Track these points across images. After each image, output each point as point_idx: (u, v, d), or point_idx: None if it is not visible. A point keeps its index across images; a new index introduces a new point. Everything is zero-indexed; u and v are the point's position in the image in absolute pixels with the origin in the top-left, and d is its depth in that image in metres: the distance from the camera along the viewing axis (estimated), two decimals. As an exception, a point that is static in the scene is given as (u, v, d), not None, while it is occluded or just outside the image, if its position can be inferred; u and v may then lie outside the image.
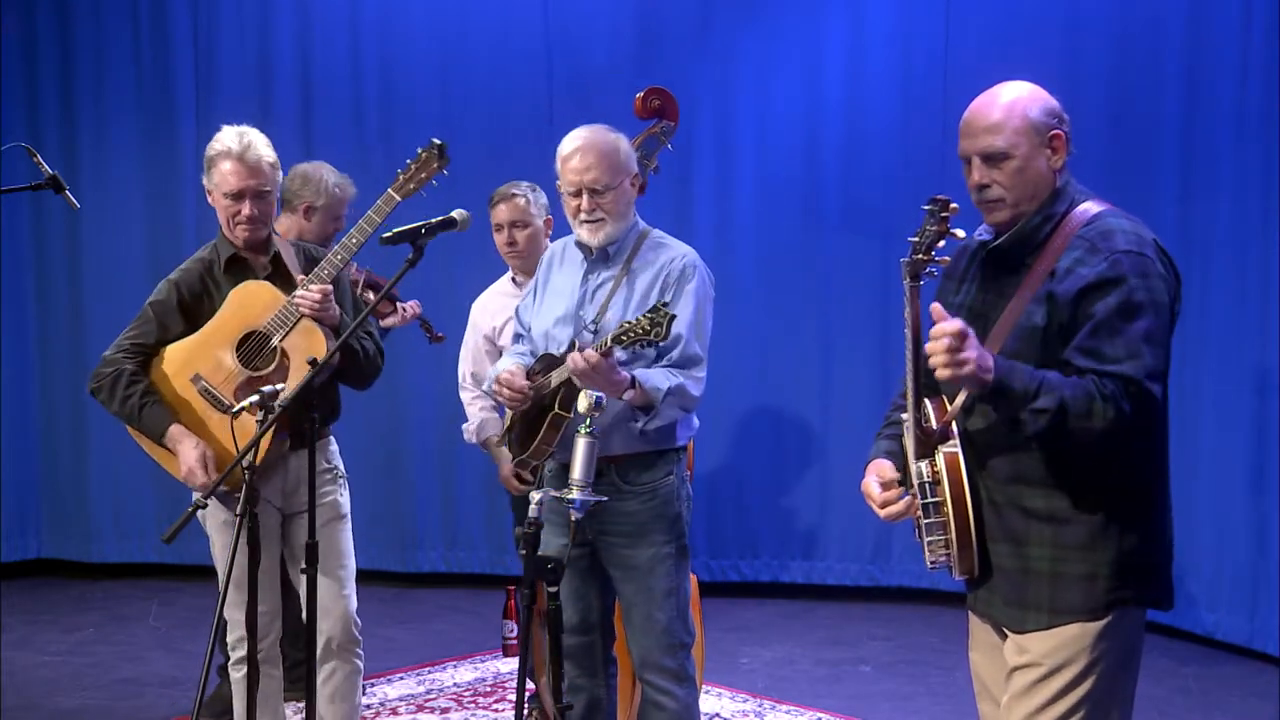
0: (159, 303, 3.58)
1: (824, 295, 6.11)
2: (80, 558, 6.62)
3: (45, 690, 4.94)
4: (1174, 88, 5.38)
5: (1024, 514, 2.51)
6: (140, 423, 3.50)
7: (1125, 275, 2.41)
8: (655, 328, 3.00)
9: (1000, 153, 2.49)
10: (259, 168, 3.48)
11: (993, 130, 2.50)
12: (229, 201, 3.49)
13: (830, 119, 6.07)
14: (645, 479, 3.32)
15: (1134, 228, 2.50)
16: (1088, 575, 2.48)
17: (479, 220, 3.44)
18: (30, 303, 6.63)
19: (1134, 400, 2.36)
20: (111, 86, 6.54)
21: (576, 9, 6.25)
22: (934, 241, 2.40)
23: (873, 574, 6.15)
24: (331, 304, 3.44)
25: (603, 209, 3.31)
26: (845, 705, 4.76)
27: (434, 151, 3.41)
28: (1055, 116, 2.54)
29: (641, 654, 3.37)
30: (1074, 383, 2.37)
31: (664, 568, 3.34)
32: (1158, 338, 2.42)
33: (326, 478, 3.60)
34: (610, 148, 3.33)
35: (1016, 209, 2.52)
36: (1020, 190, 2.51)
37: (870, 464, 2.69)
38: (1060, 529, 2.49)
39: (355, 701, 3.68)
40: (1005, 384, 2.36)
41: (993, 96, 2.55)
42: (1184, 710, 4.74)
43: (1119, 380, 2.36)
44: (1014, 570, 2.53)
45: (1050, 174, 2.53)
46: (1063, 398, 2.35)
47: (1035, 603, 2.51)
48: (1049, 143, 2.52)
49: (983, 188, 2.53)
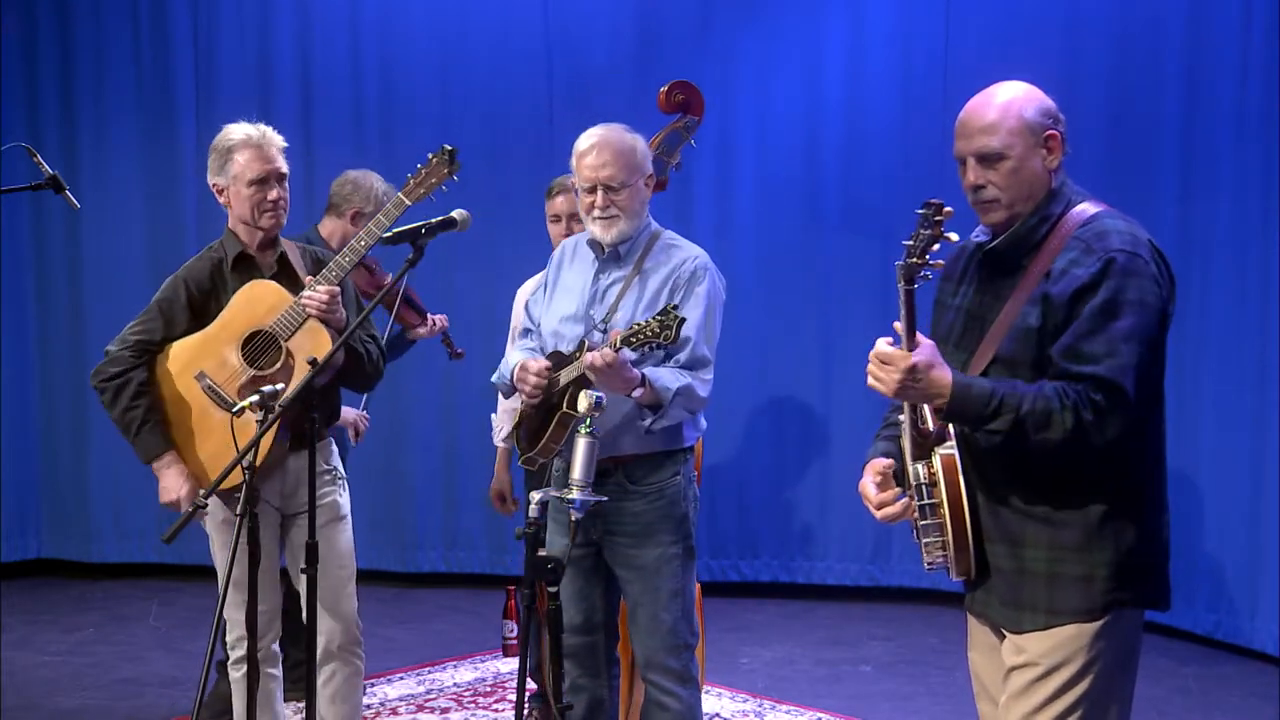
0: (166, 300, 3.58)
1: (824, 295, 6.11)
2: (80, 558, 6.62)
3: (45, 690, 4.94)
4: (1174, 88, 5.38)
5: (1020, 515, 2.51)
6: (135, 439, 3.52)
7: (1114, 274, 2.41)
8: (665, 330, 3.01)
9: (995, 153, 2.49)
10: (279, 153, 3.53)
11: (988, 131, 2.50)
12: (253, 190, 3.50)
13: (830, 119, 6.07)
14: (653, 479, 3.32)
15: (1129, 228, 2.50)
16: (1084, 576, 2.48)
17: (479, 220, 3.44)
18: (30, 303, 6.62)
19: (1101, 405, 2.37)
20: (111, 86, 6.54)
21: (576, 9, 6.25)
22: (928, 245, 2.39)
23: (873, 574, 6.15)
24: (339, 306, 3.45)
25: (616, 205, 3.32)
26: (845, 705, 4.76)
27: (444, 157, 3.43)
28: (1050, 117, 2.54)
29: (646, 654, 3.37)
30: (1035, 394, 2.39)
31: (670, 568, 3.34)
32: (1139, 336, 2.41)
33: (325, 479, 3.60)
34: (627, 146, 3.35)
35: (1012, 210, 2.52)
36: (1015, 191, 2.51)
37: (867, 464, 2.69)
38: (1056, 530, 2.49)
39: (356, 702, 3.68)
40: (959, 408, 2.42)
41: (988, 97, 2.55)
42: (1183, 710, 4.74)
43: (1088, 382, 2.37)
44: (1011, 571, 2.53)
45: (1046, 174, 2.53)
46: (1018, 416, 2.38)
47: (1032, 603, 2.51)
48: (1044, 143, 2.52)
49: (978, 188, 2.53)
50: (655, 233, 3.42)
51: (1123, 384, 2.38)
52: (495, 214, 5.63)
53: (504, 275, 4.50)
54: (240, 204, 3.53)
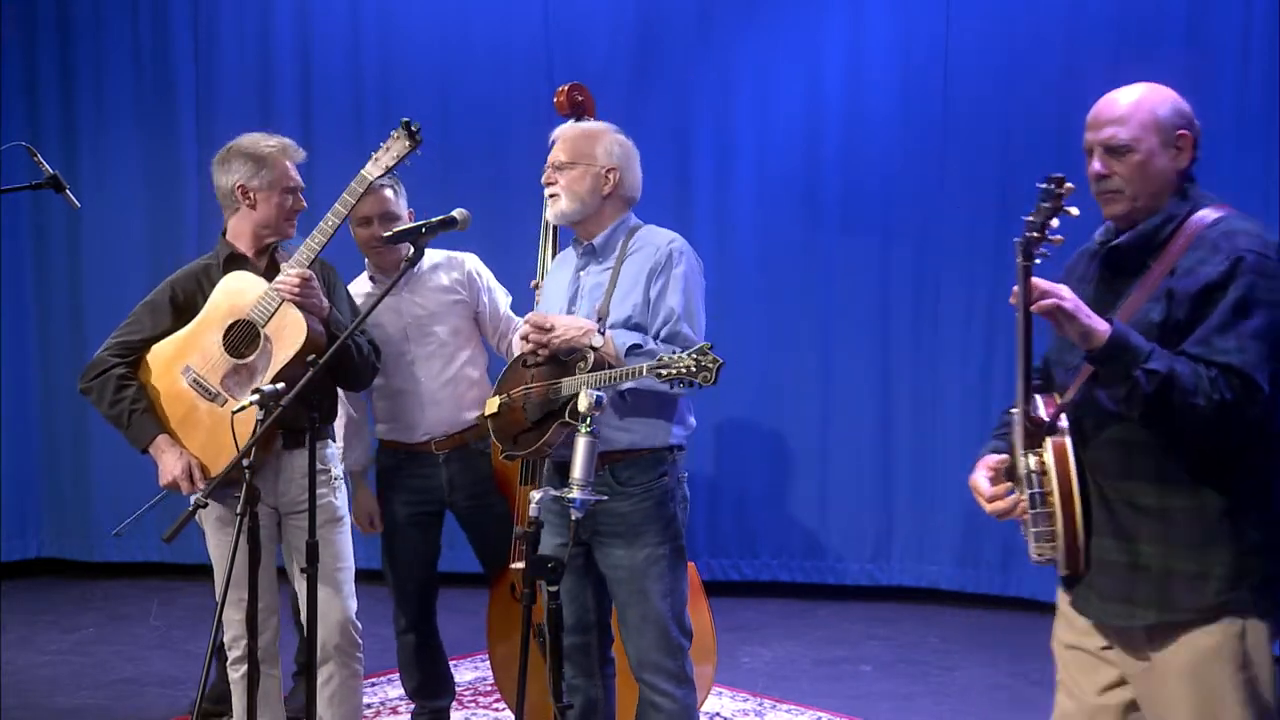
0: (149, 302, 3.63)
1: (824, 294, 6.11)
2: (80, 557, 6.63)
3: (45, 690, 4.94)
4: (1174, 88, 5.36)
5: (1134, 510, 2.48)
6: (128, 429, 3.54)
7: (1244, 273, 2.41)
8: (703, 371, 2.97)
9: (1123, 145, 2.51)
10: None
11: (1118, 122, 2.52)
12: (288, 196, 3.59)
13: (830, 118, 6.08)
14: (639, 479, 3.31)
15: (1256, 229, 2.51)
16: (1198, 574, 2.43)
17: (479, 220, 3.45)
18: (30, 303, 6.63)
19: (1236, 391, 2.35)
20: (111, 87, 6.54)
21: (576, 9, 6.25)
22: (1047, 219, 2.39)
23: (873, 574, 6.15)
24: (314, 290, 3.47)
25: (560, 186, 3.37)
26: (845, 705, 4.76)
27: (404, 131, 3.46)
28: (1184, 118, 2.56)
29: (638, 655, 3.36)
30: (1184, 361, 2.38)
31: (658, 569, 3.32)
32: (1269, 336, 2.41)
33: (321, 479, 3.59)
34: (584, 132, 3.43)
35: (1134, 202, 2.53)
36: (1140, 184, 2.52)
37: (980, 460, 2.66)
38: (1170, 526, 2.45)
39: (355, 704, 3.69)
40: (1124, 338, 2.38)
41: (1123, 91, 2.57)
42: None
43: (1222, 370, 2.36)
44: (1121, 565, 2.50)
45: (1174, 174, 2.54)
46: (1173, 367, 2.36)
47: (1144, 600, 2.47)
48: (1175, 141, 2.53)
49: (1102, 177, 2.53)
50: (633, 227, 3.43)
51: (1256, 378, 2.37)
52: (495, 213, 5.63)
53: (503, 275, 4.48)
54: (269, 209, 3.58)
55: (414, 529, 4.10)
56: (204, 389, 3.51)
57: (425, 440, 4.04)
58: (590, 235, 3.41)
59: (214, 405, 3.50)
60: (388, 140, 3.46)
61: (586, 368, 3.18)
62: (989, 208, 5.82)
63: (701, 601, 4.08)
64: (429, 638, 4.23)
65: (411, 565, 4.14)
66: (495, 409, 3.44)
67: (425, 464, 4.06)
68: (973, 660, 5.32)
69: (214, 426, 3.48)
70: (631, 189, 3.44)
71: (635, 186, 3.45)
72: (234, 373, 3.48)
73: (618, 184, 3.39)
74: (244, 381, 3.44)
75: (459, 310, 4.08)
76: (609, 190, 3.39)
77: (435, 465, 4.06)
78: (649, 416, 3.30)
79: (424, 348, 4.02)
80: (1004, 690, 4.96)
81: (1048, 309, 2.39)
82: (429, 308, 4.04)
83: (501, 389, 3.46)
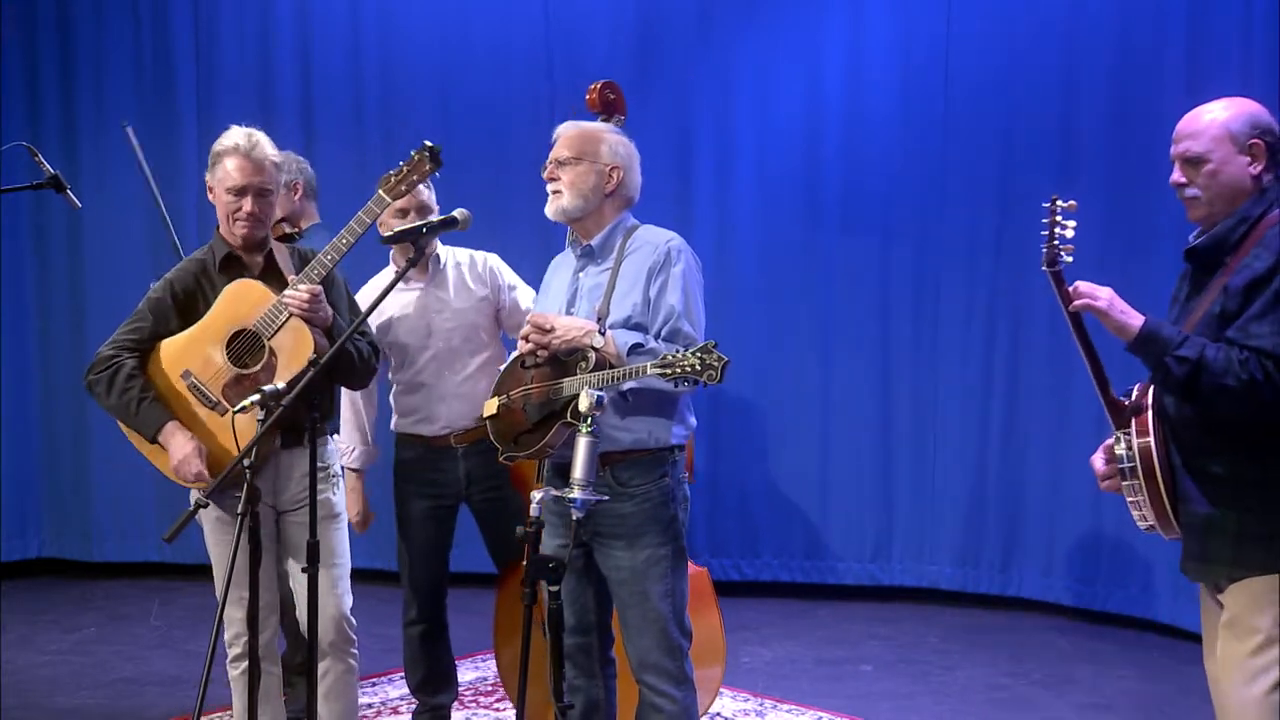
0: (154, 300, 3.60)
1: (824, 294, 6.12)
2: (81, 557, 6.63)
3: (45, 690, 4.94)
4: (1174, 88, 5.38)
5: (1210, 479, 2.75)
6: (136, 418, 3.50)
7: None
8: (708, 370, 2.99)
9: (1196, 157, 2.81)
10: (263, 166, 3.51)
11: (1192, 136, 2.82)
12: (231, 198, 3.51)
13: (830, 118, 6.08)
14: (640, 481, 3.31)
15: None
16: (1270, 534, 2.70)
17: (479, 219, 3.45)
18: (30, 303, 6.63)
19: (1266, 372, 2.62)
20: (111, 87, 6.54)
21: (576, 9, 6.25)
22: (1053, 230, 2.76)
23: (873, 574, 6.16)
24: (321, 305, 3.46)
25: (561, 182, 3.36)
26: (846, 705, 4.76)
27: (425, 154, 3.45)
28: (1258, 128, 2.81)
29: (639, 656, 3.36)
30: (1216, 347, 2.68)
31: (659, 570, 3.32)
32: None
33: (319, 476, 3.60)
34: (587, 131, 3.42)
35: (1211, 207, 2.81)
36: (1214, 190, 2.80)
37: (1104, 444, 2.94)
38: (1242, 492, 2.72)
39: (351, 700, 3.69)
40: (1153, 330, 2.72)
41: (1204, 107, 2.86)
42: (1185, 710, 4.74)
43: (1255, 352, 2.63)
44: (1200, 529, 2.76)
45: (1249, 179, 2.79)
46: (1203, 353, 2.66)
47: (1219, 557, 2.75)
48: (1248, 150, 2.79)
49: (1180, 186, 2.84)
50: (631, 227, 3.43)
51: None
52: (495, 213, 5.63)
53: (503, 275, 4.51)
54: (219, 209, 3.56)
55: (430, 521, 4.14)
56: (203, 395, 3.50)
57: (445, 434, 4.07)
58: (588, 235, 3.41)
59: (212, 413, 3.49)
60: (409, 161, 3.45)
61: (588, 368, 3.18)
62: (989, 208, 5.83)
63: (713, 605, 4.09)
64: (438, 630, 4.25)
65: (427, 556, 4.17)
66: (494, 410, 3.44)
67: (444, 458, 4.09)
68: (973, 660, 5.32)
69: (212, 432, 3.48)
70: (632, 189, 3.44)
71: (635, 187, 3.46)
72: (235, 383, 3.46)
73: (620, 183, 3.40)
74: (245, 392, 3.42)
75: (481, 308, 4.12)
76: (611, 189, 3.39)
77: (454, 459, 4.08)
78: (650, 415, 3.30)
79: (447, 344, 4.06)
80: (1004, 690, 4.97)
81: (1080, 309, 2.75)
82: (452, 304, 4.07)
83: (500, 390, 3.46)
